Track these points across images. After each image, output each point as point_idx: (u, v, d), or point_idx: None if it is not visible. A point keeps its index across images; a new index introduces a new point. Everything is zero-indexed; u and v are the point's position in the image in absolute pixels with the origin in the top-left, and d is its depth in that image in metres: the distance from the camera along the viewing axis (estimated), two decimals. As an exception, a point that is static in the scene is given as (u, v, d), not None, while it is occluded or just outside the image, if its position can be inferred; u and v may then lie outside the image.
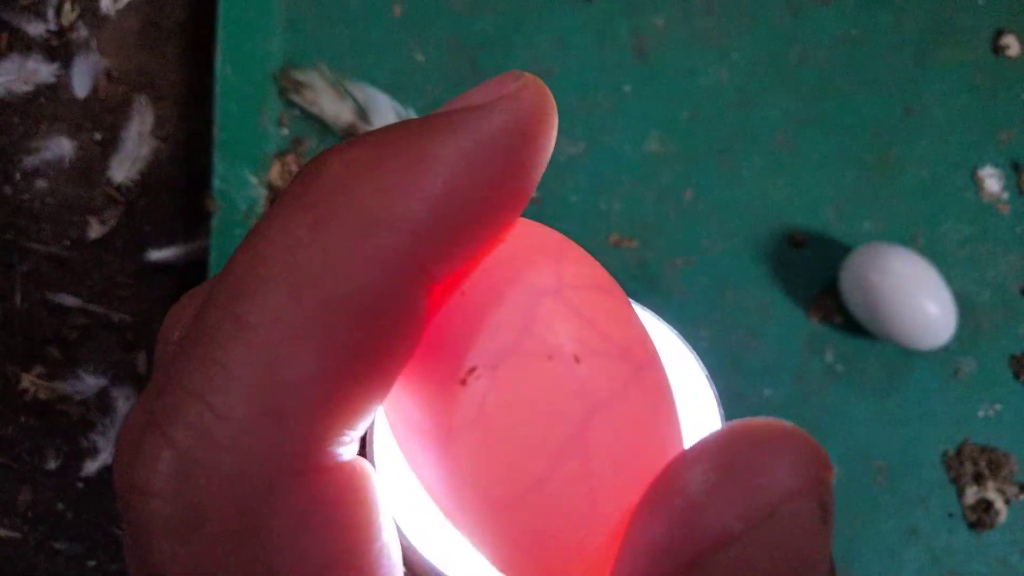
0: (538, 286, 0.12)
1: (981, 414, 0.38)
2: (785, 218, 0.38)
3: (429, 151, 0.11)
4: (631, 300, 0.14)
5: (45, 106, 0.36)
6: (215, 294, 0.11)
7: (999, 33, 0.41)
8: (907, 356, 0.38)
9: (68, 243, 0.35)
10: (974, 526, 0.36)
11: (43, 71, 0.35)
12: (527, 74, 0.13)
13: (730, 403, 0.14)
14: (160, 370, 0.13)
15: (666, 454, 0.12)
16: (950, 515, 0.37)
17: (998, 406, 0.38)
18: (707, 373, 0.15)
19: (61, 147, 0.35)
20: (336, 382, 0.11)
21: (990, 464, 0.37)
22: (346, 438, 0.11)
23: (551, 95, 0.13)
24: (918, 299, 0.36)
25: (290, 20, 0.37)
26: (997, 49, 0.41)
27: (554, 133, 0.13)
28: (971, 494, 0.37)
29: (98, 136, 0.36)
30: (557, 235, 0.13)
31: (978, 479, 0.37)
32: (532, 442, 0.11)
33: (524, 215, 0.13)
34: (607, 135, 0.38)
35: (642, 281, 0.37)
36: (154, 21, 0.37)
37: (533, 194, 0.13)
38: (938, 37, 0.41)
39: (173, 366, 0.11)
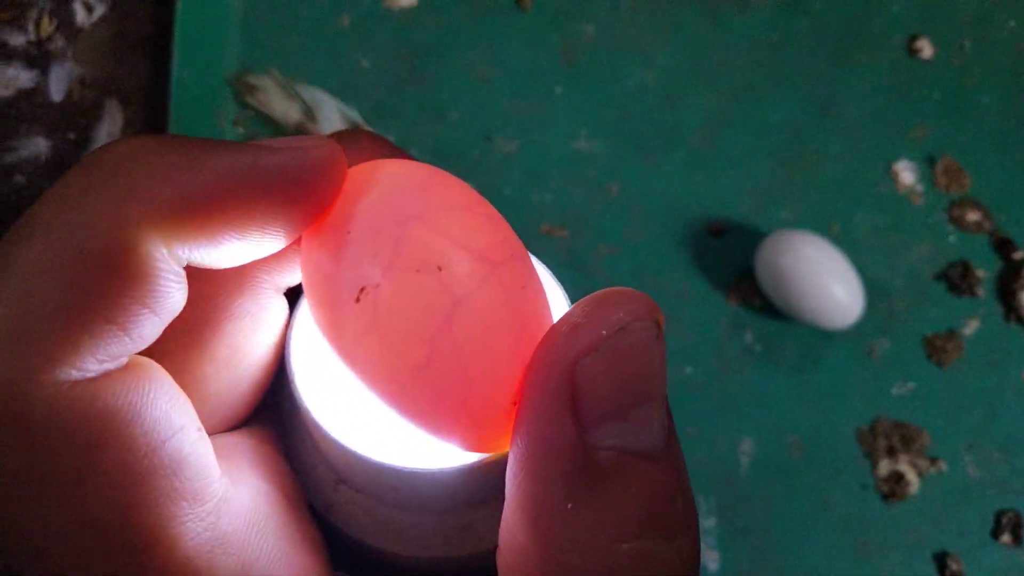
0: (406, 214, 0.15)
1: (895, 392, 0.40)
2: (705, 210, 0.41)
3: (202, 158, 0.15)
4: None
5: (24, 109, 0.39)
6: (2, 240, 0.14)
7: (913, 37, 0.44)
8: (823, 337, 0.40)
9: (41, 231, 0.38)
10: (887, 497, 0.38)
11: (23, 78, 0.39)
12: (326, 140, 0.16)
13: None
14: None
15: (530, 321, 0.15)
16: (863, 487, 0.39)
17: (911, 384, 0.40)
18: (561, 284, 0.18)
19: (38, 146, 0.39)
20: (74, 316, 0.14)
21: (903, 438, 0.39)
22: (89, 363, 0.14)
23: (334, 157, 0.16)
24: (826, 281, 0.38)
25: (245, 28, 0.41)
26: (911, 52, 0.43)
27: (329, 181, 0.16)
28: (884, 467, 0.39)
29: (72, 136, 0.39)
30: (427, 170, 0.16)
31: (891, 453, 0.39)
32: (414, 334, 0.14)
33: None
34: (539, 133, 0.41)
35: (571, 267, 0.40)
36: (123, 33, 0.41)
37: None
38: (854, 41, 0.44)
39: None
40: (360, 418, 0.17)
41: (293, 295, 0.19)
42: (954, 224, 0.41)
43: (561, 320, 0.14)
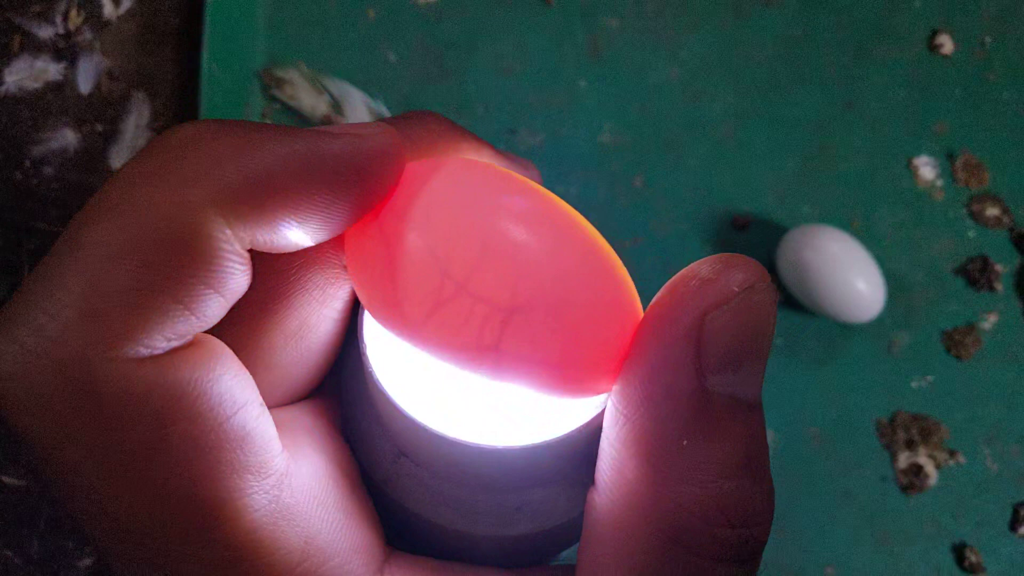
0: (480, 213, 0.16)
1: (914, 385, 0.40)
2: (728, 204, 0.41)
3: (265, 143, 0.15)
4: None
5: (52, 101, 0.39)
6: (73, 220, 0.15)
7: (934, 33, 0.44)
8: (843, 330, 0.40)
9: (71, 223, 0.38)
10: (906, 489, 0.39)
11: (51, 70, 0.39)
12: (387, 128, 0.17)
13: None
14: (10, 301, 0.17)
15: (608, 279, 0.16)
16: (883, 479, 0.39)
17: (930, 377, 0.40)
18: None
19: (66, 138, 0.39)
20: (143, 295, 0.14)
21: (922, 431, 0.39)
22: (164, 336, 0.15)
23: (394, 145, 0.16)
24: (848, 276, 0.38)
25: (272, 22, 0.41)
26: (932, 47, 0.44)
27: (390, 167, 0.16)
28: (903, 459, 0.39)
29: (100, 128, 0.40)
30: (486, 166, 0.17)
31: (910, 445, 0.39)
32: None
33: None
34: (564, 127, 0.42)
35: (595, 261, 0.40)
36: (151, 26, 0.41)
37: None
38: (876, 36, 0.44)
39: (25, 284, 0.15)
40: (425, 393, 0.18)
41: None
42: (973, 219, 0.42)
43: (687, 275, 0.16)
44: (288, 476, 0.16)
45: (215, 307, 0.15)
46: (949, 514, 0.38)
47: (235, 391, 0.15)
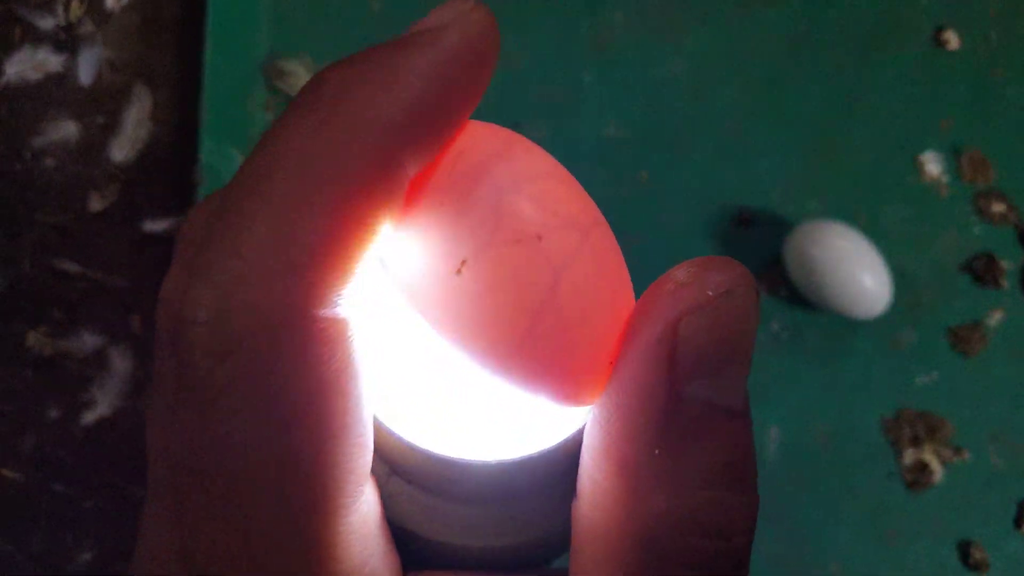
0: (499, 185, 0.15)
1: (919, 381, 0.40)
2: (734, 199, 0.41)
3: (402, 66, 0.15)
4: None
5: (53, 92, 0.39)
6: (240, 179, 0.14)
7: (940, 28, 0.44)
8: (849, 327, 0.40)
9: (72, 215, 0.38)
10: (911, 486, 0.39)
11: (52, 61, 0.39)
12: (472, 1, 0.16)
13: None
14: (179, 259, 0.16)
15: (619, 283, 0.16)
16: (888, 476, 0.39)
17: (935, 374, 0.40)
18: None
19: (67, 129, 0.39)
20: (336, 244, 0.14)
21: (927, 428, 0.39)
22: (342, 294, 0.14)
23: (493, 16, 0.16)
24: (855, 272, 0.38)
25: (276, 14, 0.41)
26: (938, 43, 0.44)
27: (497, 49, 0.16)
28: (908, 456, 0.39)
29: (101, 120, 0.39)
30: (502, 134, 0.17)
31: (915, 442, 0.39)
32: (516, 306, 0.15)
33: None
34: (568, 121, 0.41)
35: (599, 255, 0.40)
36: (153, 17, 0.40)
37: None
38: (882, 32, 0.44)
39: (209, 233, 0.14)
40: (411, 409, 0.18)
41: None
42: (979, 215, 0.42)
43: (664, 279, 0.15)
44: (368, 490, 0.16)
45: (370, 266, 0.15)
46: (954, 511, 0.38)
47: (368, 380, 0.15)
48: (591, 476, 0.15)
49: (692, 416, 0.14)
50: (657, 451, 0.14)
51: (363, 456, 0.15)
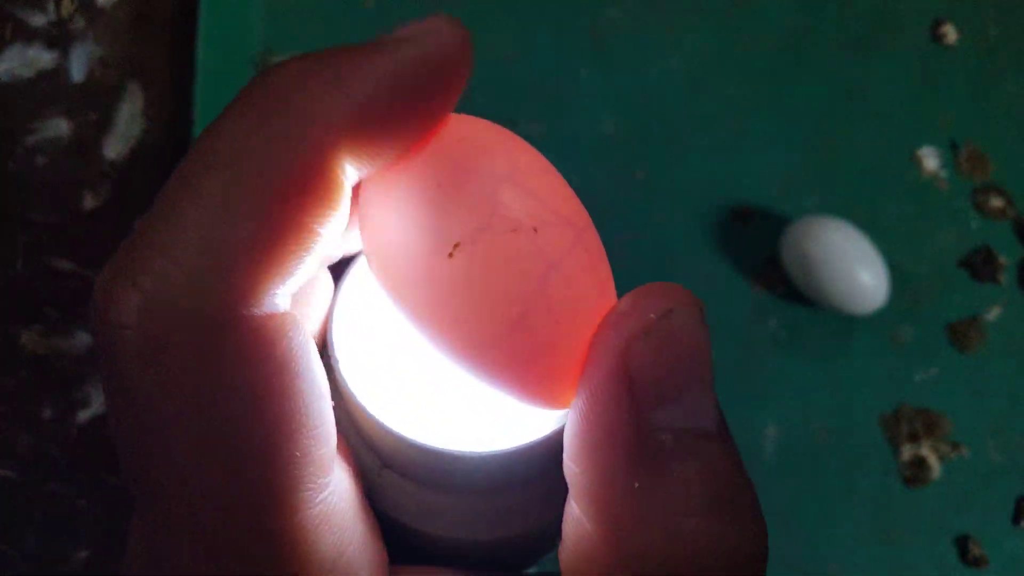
0: (497, 175, 0.15)
1: (918, 378, 0.40)
2: (731, 195, 0.41)
3: (357, 67, 0.14)
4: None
5: (45, 90, 0.39)
6: (178, 172, 0.14)
7: (938, 23, 0.43)
8: (847, 323, 0.40)
9: (65, 214, 0.38)
10: (909, 482, 0.39)
11: (44, 58, 0.39)
12: (448, 16, 0.16)
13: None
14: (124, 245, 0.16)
15: (606, 288, 0.16)
16: (886, 472, 0.39)
17: (933, 370, 0.40)
18: None
19: (60, 127, 0.38)
20: (269, 242, 0.13)
21: (925, 424, 0.39)
22: (278, 292, 0.14)
23: (467, 33, 0.15)
24: (852, 267, 0.38)
25: (269, 10, 0.40)
26: (936, 37, 0.43)
27: (467, 67, 0.15)
28: (907, 452, 0.39)
29: (93, 117, 0.39)
30: (503, 131, 0.17)
31: (913, 438, 0.39)
32: (508, 294, 0.14)
33: None
34: (565, 117, 0.41)
35: (596, 252, 0.40)
36: (145, 14, 0.40)
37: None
38: (880, 26, 0.43)
39: (139, 230, 0.14)
40: (403, 402, 0.17)
41: (335, 271, 0.19)
42: (977, 210, 0.41)
43: (610, 312, 0.15)
44: (336, 480, 0.15)
45: (316, 262, 0.14)
46: (952, 507, 0.38)
47: (320, 372, 0.15)
48: (573, 519, 0.15)
49: (664, 445, 0.14)
50: (636, 484, 0.14)
51: (321, 448, 0.14)
